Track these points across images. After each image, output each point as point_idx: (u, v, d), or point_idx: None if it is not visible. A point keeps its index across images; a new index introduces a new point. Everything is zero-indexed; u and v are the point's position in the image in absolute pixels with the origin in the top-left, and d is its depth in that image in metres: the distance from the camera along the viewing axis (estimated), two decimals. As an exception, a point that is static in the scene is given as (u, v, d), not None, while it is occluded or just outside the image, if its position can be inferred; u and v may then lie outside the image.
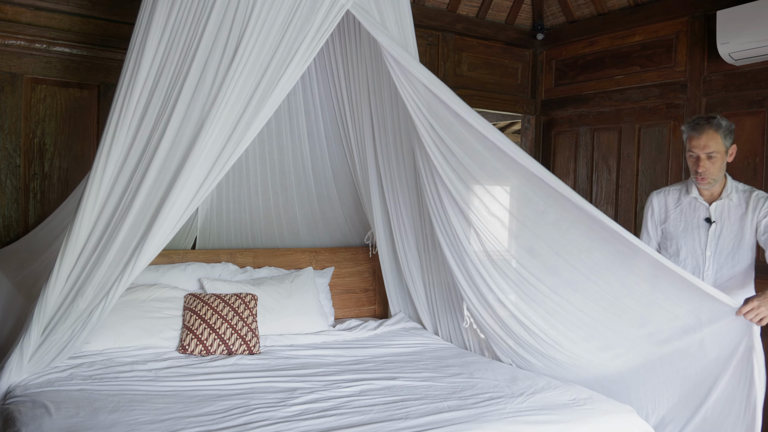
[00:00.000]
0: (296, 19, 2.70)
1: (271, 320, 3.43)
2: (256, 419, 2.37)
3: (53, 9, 3.40)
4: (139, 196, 2.62)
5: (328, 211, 4.10)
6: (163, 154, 2.63)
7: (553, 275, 2.89)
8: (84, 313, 2.64)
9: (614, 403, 2.70)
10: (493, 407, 2.55)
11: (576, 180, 4.70)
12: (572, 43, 4.70)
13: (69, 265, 2.64)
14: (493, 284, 3.04)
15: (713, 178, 2.83)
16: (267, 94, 2.70)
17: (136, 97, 2.65)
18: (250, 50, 2.64)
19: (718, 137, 2.77)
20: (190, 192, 2.66)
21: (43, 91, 3.44)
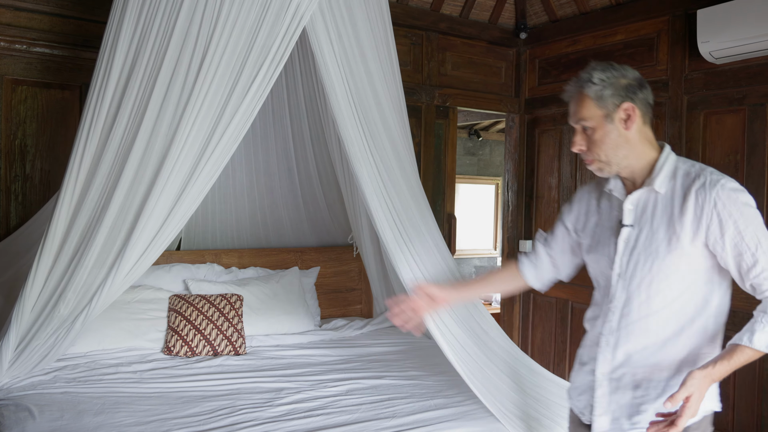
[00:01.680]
0: (268, 18, 2.67)
1: (257, 320, 3.42)
2: (243, 420, 2.37)
3: (33, 9, 3.37)
4: (115, 201, 2.59)
5: (313, 212, 4.10)
6: (138, 155, 2.61)
7: None
8: (68, 319, 2.61)
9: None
10: (479, 404, 2.56)
11: (560, 178, 4.73)
12: (555, 42, 4.72)
13: (46, 268, 2.62)
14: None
15: (602, 159, 1.78)
16: (242, 95, 2.67)
17: (108, 98, 2.64)
18: (222, 49, 2.61)
19: (590, 102, 1.75)
20: (170, 196, 2.63)
21: (24, 92, 3.40)
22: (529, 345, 4.95)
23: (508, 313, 5.06)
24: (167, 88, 2.62)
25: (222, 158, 2.70)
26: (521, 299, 5.03)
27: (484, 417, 2.49)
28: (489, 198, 8.40)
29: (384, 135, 2.89)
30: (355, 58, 2.87)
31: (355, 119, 2.82)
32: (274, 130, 3.90)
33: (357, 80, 2.86)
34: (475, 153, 8.23)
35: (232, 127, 2.68)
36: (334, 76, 2.79)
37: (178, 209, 2.66)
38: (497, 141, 8.26)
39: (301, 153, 3.98)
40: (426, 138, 4.50)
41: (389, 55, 3.08)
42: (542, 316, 4.89)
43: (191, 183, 2.66)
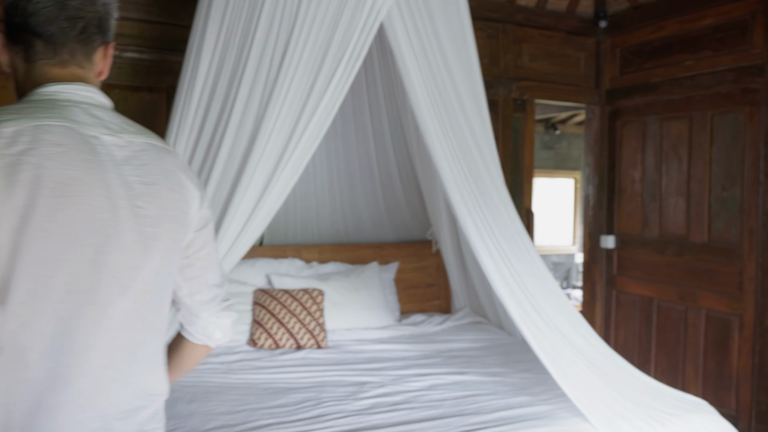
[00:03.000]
0: (345, 14, 2.69)
1: (337, 315, 3.46)
2: (327, 412, 2.39)
3: (124, 17, 3.51)
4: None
5: (393, 208, 4.11)
6: (225, 155, 2.68)
7: None
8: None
9: (694, 400, 2.62)
10: (566, 403, 2.50)
11: (644, 171, 4.56)
12: (637, 29, 4.56)
13: None
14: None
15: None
16: (321, 93, 2.70)
17: (196, 99, 2.72)
18: (302, 47, 2.65)
19: None
20: (254, 194, 2.68)
21: (116, 95, 3.55)
22: (612, 345, 4.81)
23: (589, 312, 4.92)
24: (251, 88, 2.68)
25: (304, 156, 2.74)
26: (603, 296, 4.89)
27: (570, 416, 2.43)
28: (567, 193, 8.21)
29: (465, 128, 2.86)
30: (434, 51, 2.85)
31: (434, 113, 2.80)
32: (354, 127, 3.93)
33: (435, 74, 2.84)
34: (552, 146, 8.07)
35: (313, 125, 2.71)
36: (413, 70, 2.78)
37: (262, 207, 2.71)
38: (575, 134, 8.07)
39: (381, 148, 4.00)
40: (503, 132, 4.44)
41: (467, 49, 3.04)
42: (625, 314, 4.73)
43: (274, 181, 2.71)
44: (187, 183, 1.26)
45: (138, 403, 1.20)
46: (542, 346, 2.52)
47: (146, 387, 1.22)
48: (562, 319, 2.71)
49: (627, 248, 4.71)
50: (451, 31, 2.94)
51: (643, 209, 4.57)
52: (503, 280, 2.64)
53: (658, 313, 4.47)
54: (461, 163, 2.79)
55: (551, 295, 2.78)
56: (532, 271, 2.78)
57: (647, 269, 4.53)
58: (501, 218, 2.80)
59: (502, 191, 2.91)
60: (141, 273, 1.16)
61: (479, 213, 2.73)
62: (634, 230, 4.66)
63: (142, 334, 1.19)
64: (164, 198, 1.20)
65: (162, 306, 1.24)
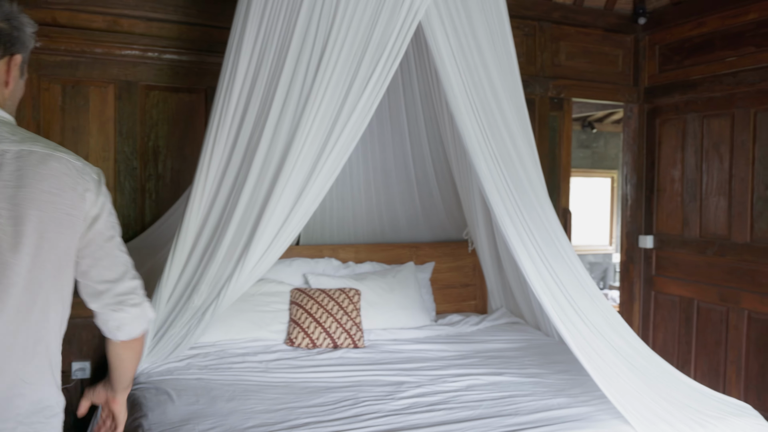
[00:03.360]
0: (383, 14, 2.69)
1: (374, 314, 3.47)
2: (366, 411, 2.40)
3: (164, 19, 3.58)
4: (242, 199, 2.72)
5: (429, 208, 4.11)
6: (262, 155, 2.71)
7: None
8: (199, 310, 2.76)
9: (737, 403, 2.57)
10: (605, 405, 2.47)
11: (684, 170, 4.48)
12: (677, 25, 4.48)
13: (181, 262, 2.78)
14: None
15: None
16: (359, 93, 2.71)
17: (235, 99, 2.75)
18: (339, 47, 2.66)
19: None
20: (291, 194, 2.71)
21: (156, 96, 3.62)
22: (651, 346, 4.73)
23: (626, 312, 4.85)
24: (288, 89, 2.70)
25: (341, 157, 2.75)
26: (641, 297, 4.82)
27: (610, 419, 2.40)
28: (604, 192, 8.11)
29: (502, 128, 2.84)
30: (471, 51, 2.84)
31: (472, 113, 2.79)
32: (390, 127, 3.93)
33: (473, 73, 2.83)
34: (589, 145, 7.97)
35: (350, 126, 2.73)
36: (451, 69, 2.77)
37: (299, 207, 2.74)
38: (612, 132, 7.96)
39: (417, 149, 3.99)
40: (540, 131, 4.40)
41: (506, 48, 3.02)
42: (664, 315, 4.66)
43: (311, 181, 2.73)
44: (76, 187, 1.35)
45: (15, 391, 1.29)
46: (581, 347, 2.50)
47: (24, 375, 1.31)
48: (601, 320, 2.68)
49: (666, 248, 4.63)
50: (489, 30, 2.92)
51: (683, 209, 4.49)
52: (542, 281, 2.62)
53: (698, 314, 4.39)
54: (500, 164, 2.77)
55: (589, 295, 2.75)
56: (570, 271, 2.76)
57: (687, 270, 4.45)
58: (539, 219, 2.78)
59: (541, 192, 2.88)
60: (11, 269, 1.27)
61: (518, 213, 2.72)
62: (673, 230, 4.58)
63: (15, 325, 1.28)
64: (38, 200, 1.29)
65: (38, 300, 1.32)
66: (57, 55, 3.36)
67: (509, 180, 2.77)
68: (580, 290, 2.73)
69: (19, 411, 1.31)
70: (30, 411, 1.33)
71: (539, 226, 2.77)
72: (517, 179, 2.80)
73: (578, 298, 2.68)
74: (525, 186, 2.81)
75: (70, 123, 3.44)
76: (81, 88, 3.45)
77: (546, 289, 2.61)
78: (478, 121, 2.79)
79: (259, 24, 2.73)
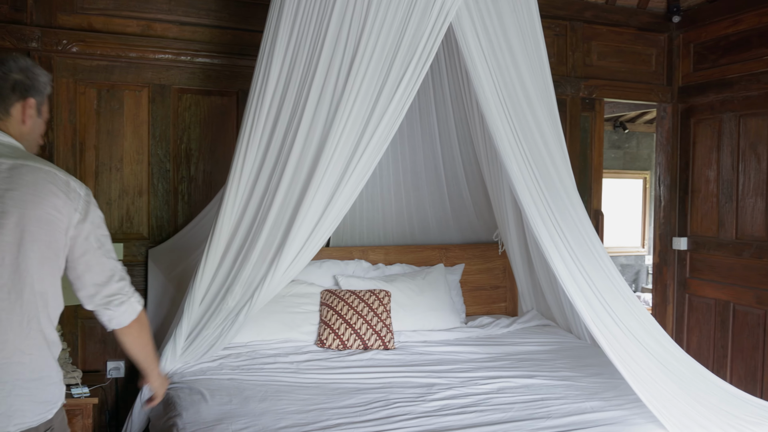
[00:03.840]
0: (414, 16, 2.69)
1: (404, 316, 3.47)
2: (397, 413, 2.40)
3: (196, 23, 3.62)
4: (276, 201, 2.74)
5: (459, 209, 4.09)
6: (295, 158, 2.73)
7: None
8: (232, 312, 2.79)
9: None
10: (640, 409, 2.44)
11: (720, 171, 4.40)
12: (713, 23, 4.40)
13: (214, 264, 2.81)
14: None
15: None
16: (390, 95, 2.72)
17: (267, 102, 2.77)
18: (371, 50, 2.67)
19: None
20: (324, 196, 2.73)
21: (188, 99, 3.67)
22: (684, 350, 4.63)
23: (660, 315, 4.78)
24: (320, 92, 2.72)
25: (372, 159, 2.76)
26: (675, 300, 4.74)
27: (645, 422, 2.37)
28: (636, 193, 7.99)
29: (534, 129, 2.82)
30: (503, 51, 2.83)
31: (503, 114, 2.77)
32: (420, 128, 3.93)
33: (505, 74, 2.82)
34: (621, 146, 7.87)
35: (381, 129, 2.73)
36: (482, 70, 2.76)
37: (332, 209, 2.75)
38: (645, 133, 7.85)
39: (448, 150, 3.98)
40: (571, 132, 4.36)
41: (537, 48, 3.00)
42: (699, 318, 4.57)
43: (343, 184, 2.74)
44: (58, 193, 1.66)
45: (14, 359, 1.61)
46: (615, 350, 2.47)
47: (22, 347, 1.62)
48: (635, 323, 2.65)
49: (700, 250, 4.55)
50: (520, 31, 2.90)
51: (719, 210, 4.41)
52: (575, 284, 2.60)
53: (734, 317, 4.30)
54: (531, 166, 2.75)
55: (623, 298, 2.71)
56: (604, 273, 2.73)
57: (723, 272, 4.37)
58: (571, 220, 2.76)
59: (573, 194, 2.86)
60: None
61: (550, 215, 2.70)
62: (708, 231, 4.50)
63: (9, 303, 1.60)
64: (22, 200, 1.61)
65: (26, 284, 1.62)
66: (93, 60, 3.43)
67: (541, 181, 2.74)
68: (614, 293, 2.70)
69: (18, 376, 1.62)
70: (29, 378, 1.63)
71: (571, 227, 2.75)
72: (549, 180, 2.78)
73: (612, 300, 2.65)
74: (557, 187, 2.78)
75: (105, 126, 3.50)
76: (116, 92, 3.51)
77: (579, 292, 2.59)
78: (509, 123, 2.77)
79: (291, 27, 2.75)
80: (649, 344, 2.57)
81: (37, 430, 1.66)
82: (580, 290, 2.59)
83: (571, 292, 2.57)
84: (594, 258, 2.70)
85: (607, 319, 2.53)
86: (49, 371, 1.69)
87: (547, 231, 2.65)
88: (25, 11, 3.29)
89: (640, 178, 8.00)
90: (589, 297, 2.59)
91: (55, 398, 1.71)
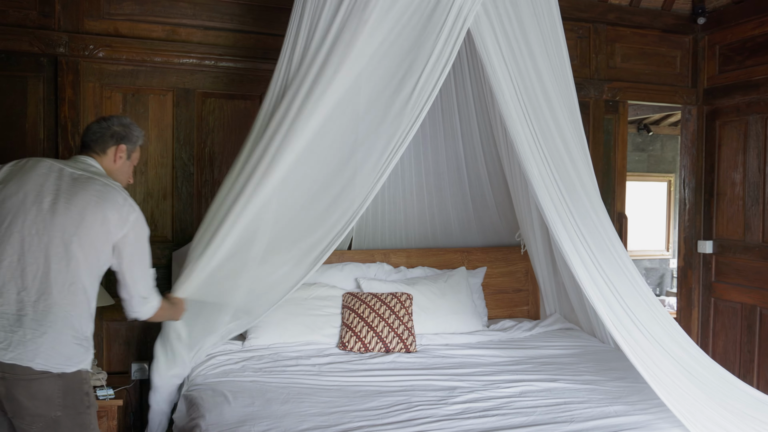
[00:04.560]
0: (433, 21, 2.69)
1: (426, 319, 3.46)
2: (419, 416, 2.40)
3: (220, 28, 3.66)
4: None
5: (481, 211, 4.08)
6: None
7: None
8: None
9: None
10: (665, 413, 2.41)
11: (746, 173, 4.33)
12: (739, 24, 4.34)
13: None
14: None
15: None
16: (406, 99, 2.72)
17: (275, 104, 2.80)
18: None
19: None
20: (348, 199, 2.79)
21: (212, 103, 3.70)
22: (710, 354, 4.58)
23: (685, 319, 4.72)
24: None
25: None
26: (700, 303, 4.68)
27: (670, 427, 2.35)
28: (660, 196, 7.90)
29: (555, 132, 2.80)
30: (523, 56, 2.81)
31: (524, 118, 2.76)
32: (443, 129, 3.92)
33: (525, 79, 2.80)
34: (645, 149, 7.79)
35: (396, 137, 2.74)
36: (501, 75, 2.75)
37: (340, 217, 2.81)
38: (669, 135, 7.76)
39: (470, 151, 3.96)
40: (594, 134, 4.33)
41: (559, 51, 2.98)
42: (725, 322, 4.51)
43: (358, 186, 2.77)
44: (105, 204, 2.11)
45: (53, 310, 2.01)
46: (637, 354, 2.45)
47: (63, 304, 2.03)
48: (658, 328, 2.62)
49: (726, 254, 4.49)
50: (541, 34, 2.89)
51: (745, 213, 4.35)
52: (596, 288, 2.58)
53: (761, 321, 4.24)
54: (552, 170, 2.74)
55: (646, 303, 2.69)
56: (626, 278, 2.70)
57: (749, 276, 4.30)
58: (593, 224, 2.74)
59: (594, 197, 2.84)
60: (52, 230, 2.06)
61: (570, 219, 2.68)
62: (734, 235, 4.44)
63: (57, 265, 2.04)
64: (88, 199, 2.10)
65: (72, 257, 2.06)
66: (119, 65, 3.48)
67: (561, 185, 2.73)
68: (636, 298, 2.68)
69: (53, 326, 2.00)
70: (70, 336, 2.03)
71: (593, 231, 2.73)
72: (570, 184, 2.76)
73: (634, 305, 2.62)
74: (578, 191, 2.77)
75: (130, 130, 3.54)
76: (141, 96, 3.56)
77: (600, 297, 2.57)
78: (529, 126, 2.76)
79: (309, 31, 2.77)
80: (673, 349, 2.55)
81: (58, 377, 1.99)
82: (602, 295, 2.57)
83: (592, 297, 2.56)
84: (616, 262, 2.68)
85: (630, 324, 2.51)
86: (87, 333, 2.10)
87: (567, 235, 2.64)
88: (53, 17, 3.35)
89: (665, 181, 7.91)
90: (611, 302, 2.57)
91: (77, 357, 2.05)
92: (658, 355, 2.49)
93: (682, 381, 2.44)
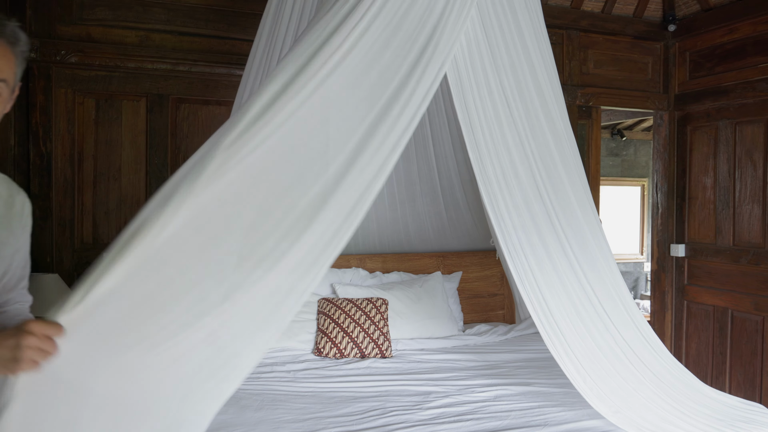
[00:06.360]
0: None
1: (401, 324, 3.47)
2: (393, 421, 2.40)
3: (194, 33, 3.65)
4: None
5: (455, 217, 4.09)
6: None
7: None
8: None
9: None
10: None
11: (716, 178, 4.41)
12: (708, 32, 4.42)
13: None
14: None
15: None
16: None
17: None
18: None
19: (12, 57, 1.43)
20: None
21: (187, 109, 3.68)
22: (684, 357, 4.65)
23: (658, 322, 4.78)
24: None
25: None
26: (673, 306, 4.74)
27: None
28: (634, 200, 8.01)
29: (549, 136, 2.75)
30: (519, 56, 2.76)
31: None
32: (413, 138, 3.93)
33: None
34: (619, 153, 7.89)
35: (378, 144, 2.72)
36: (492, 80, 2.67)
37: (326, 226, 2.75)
38: (642, 140, 7.87)
39: (442, 157, 3.97)
40: (568, 139, 4.37)
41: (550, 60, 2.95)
42: (698, 325, 4.58)
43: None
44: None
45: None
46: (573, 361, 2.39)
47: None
48: (608, 335, 2.52)
49: (698, 257, 4.56)
50: (535, 40, 2.83)
51: (716, 217, 4.42)
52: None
53: (732, 324, 4.31)
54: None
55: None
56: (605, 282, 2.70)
57: (720, 279, 4.38)
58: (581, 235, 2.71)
59: (586, 203, 2.80)
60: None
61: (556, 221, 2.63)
62: (706, 238, 4.51)
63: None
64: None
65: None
66: (91, 70, 3.44)
67: (550, 193, 2.67)
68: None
69: None
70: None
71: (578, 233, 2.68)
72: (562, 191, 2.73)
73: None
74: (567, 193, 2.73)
75: (103, 136, 3.51)
76: (114, 102, 3.53)
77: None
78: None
79: (274, 35, 2.77)
80: (625, 355, 2.47)
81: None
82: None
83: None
84: (600, 267, 2.68)
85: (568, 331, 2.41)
86: None
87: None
88: (24, 22, 3.31)
89: (638, 186, 8.02)
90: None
91: None
92: (604, 362, 2.39)
93: (637, 389, 2.38)
